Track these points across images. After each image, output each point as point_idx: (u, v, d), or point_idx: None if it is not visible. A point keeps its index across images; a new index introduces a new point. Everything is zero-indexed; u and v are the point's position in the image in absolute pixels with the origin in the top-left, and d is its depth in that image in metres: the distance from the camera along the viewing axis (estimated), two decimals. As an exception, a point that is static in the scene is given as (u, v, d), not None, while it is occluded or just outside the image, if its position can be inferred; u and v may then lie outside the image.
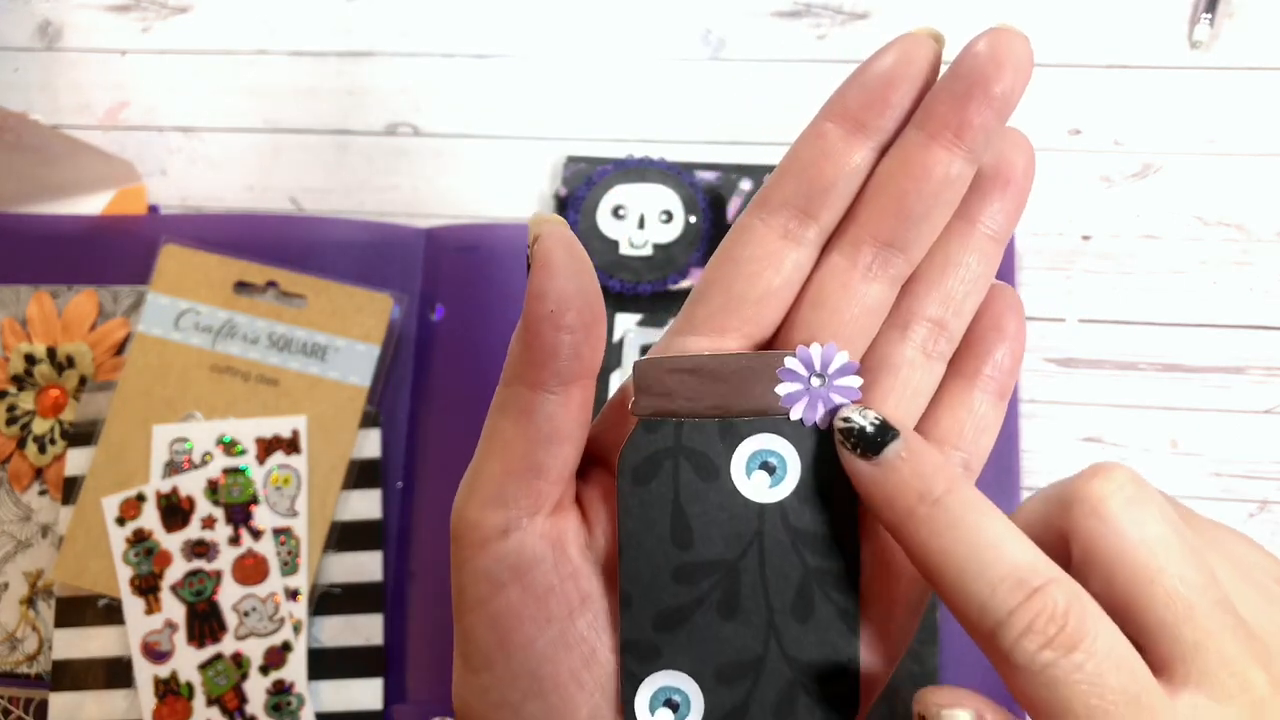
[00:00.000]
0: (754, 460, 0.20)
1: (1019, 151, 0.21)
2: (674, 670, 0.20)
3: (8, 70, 0.59)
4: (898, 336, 0.21)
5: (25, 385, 0.51)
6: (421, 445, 0.51)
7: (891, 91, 0.20)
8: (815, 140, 0.20)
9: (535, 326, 0.19)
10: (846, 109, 0.20)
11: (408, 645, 0.49)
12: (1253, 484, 0.49)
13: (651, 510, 0.20)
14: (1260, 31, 0.54)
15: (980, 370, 0.22)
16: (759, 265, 0.20)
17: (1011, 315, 0.22)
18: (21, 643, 0.49)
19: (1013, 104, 0.19)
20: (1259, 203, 0.52)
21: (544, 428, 0.19)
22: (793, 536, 0.20)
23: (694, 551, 0.20)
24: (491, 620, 0.20)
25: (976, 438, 0.22)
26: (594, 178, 0.52)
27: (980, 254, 0.21)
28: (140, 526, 0.48)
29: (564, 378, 0.19)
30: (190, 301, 0.51)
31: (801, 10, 0.56)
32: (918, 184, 0.20)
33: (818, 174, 0.20)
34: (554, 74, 0.57)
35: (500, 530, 0.20)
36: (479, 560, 0.20)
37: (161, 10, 0.59)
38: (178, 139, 0.57)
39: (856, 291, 0.20)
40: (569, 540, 0.21)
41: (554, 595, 0.20)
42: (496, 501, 0.20)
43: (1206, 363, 0.50)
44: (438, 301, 0.52)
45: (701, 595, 0.20)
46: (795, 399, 0.20)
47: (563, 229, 0.19)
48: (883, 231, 0.20)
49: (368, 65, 0.58)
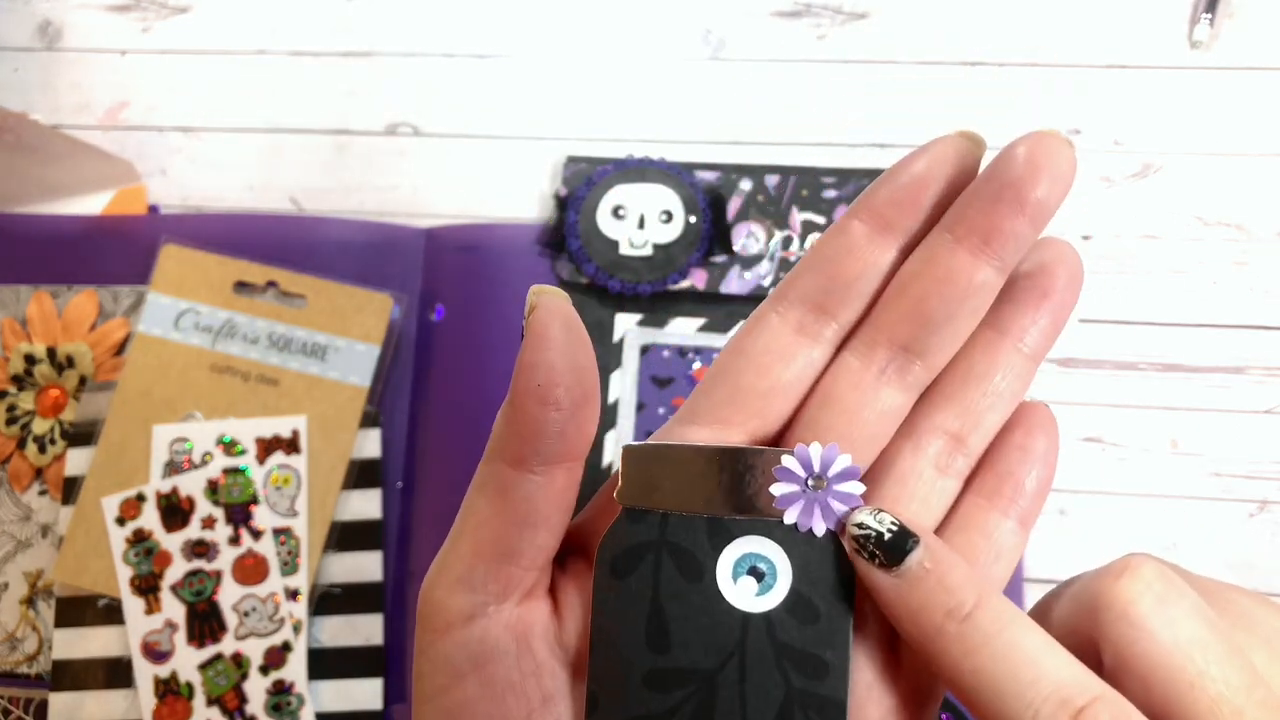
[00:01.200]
0: (742, 564, 0.18)
1: (1062, 263, 0.20)
2: None
3: (8, 70, 0.59)
4: (910, 447, 0.20)
5: (25, 385, 0.51)
6: (421, 445, 0.51)
7: (922, 192, 0.19)
8: (839, 236, 0.19)
9: (521, 401, 0.18)
10: (874, 207, 0.19)
11: (408, 645, 0.49)
12: (1253, 484, 0.49)
13: (628, 607, 0.18)
14: (1260, 31, 0.54)
15: (1000, 491, 0.20)
16: (769, 359, 0.19)
17: (1041, 434, 0.20)
18: (21, 643, 0.49)
19: (1049, 212, 0.18)
20: (1259, 203, 0.52)
21: (521, 509, 0.18)
22: (777, 652, 0.18)
23: (670, 657, 0.18)
24: (447, 713, 0.19)
25: (990, 565, 0.20)
26: (594, 178, 0.52)
27: (1009, 369, 0.20)
28: (140, 526, 0.48)
29: (547, 458, 0.18)
30: (190, 301, 0.51)
31: (801, 10, 0.56)
32: (940, 288, 0.19)
33: (838, 271, 0.19)
34: (554, 74, 0.57)
35: (465, 615, 0.19)
36: (440, 646, 0.19)
37: (161, 10, 0.59)
38: (178, 139, 0.57)
39: (868, 395, 0.19)
40: (536, 633, 0.19)
41: (513, 693, 0.19)
42: (464, 584, 0.19)
43: (1206, 363, 0.50)
44: (438, 301, 0.52)
45: (674, 706, 0.18)
46: (790, 501, 0.18)
47: (562, 302, 0.18)
48: (900, 334, 0.19)
49: (368, 65, 0.58)
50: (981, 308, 0.19)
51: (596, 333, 0.50)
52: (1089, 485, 0.49)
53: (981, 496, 0.20)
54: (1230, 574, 0.48)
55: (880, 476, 0.20)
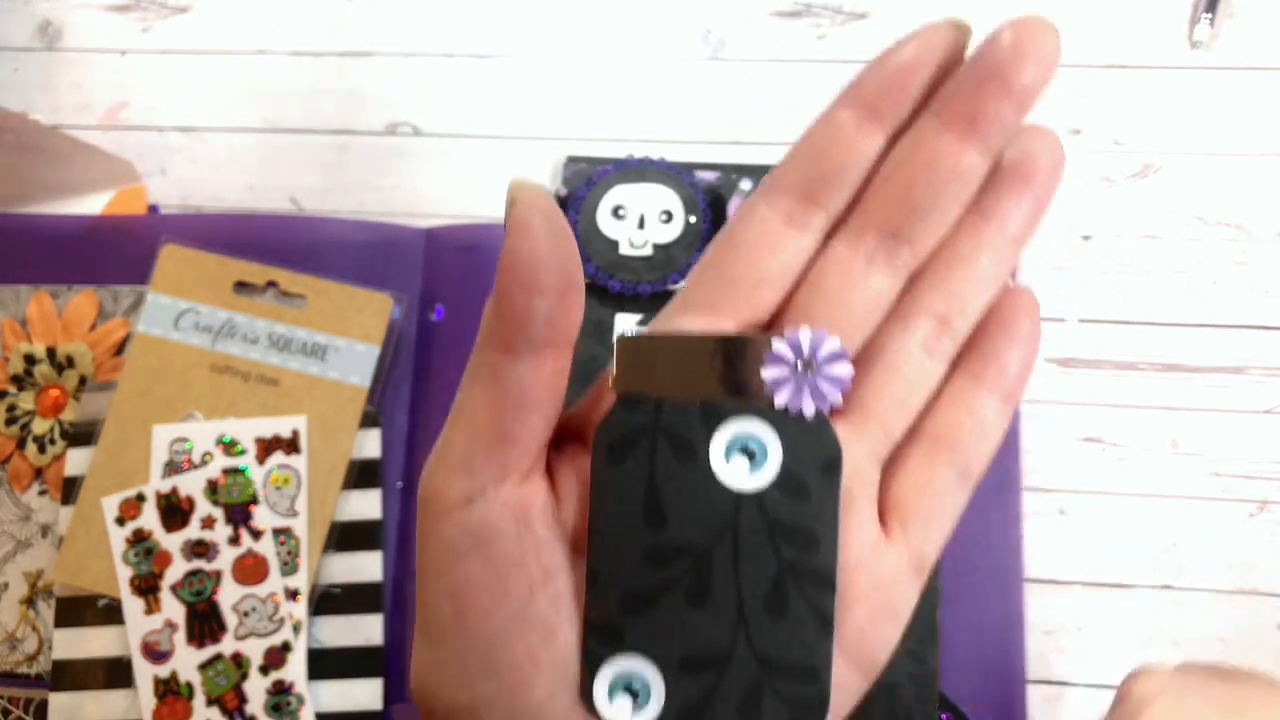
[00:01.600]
0: (734, 445, 0.19)
1: (1046, 149, 0.20)
2: (637, 656, 0.19)
3: (8, 70, 0.59)
4: (898, 330, 0.20)
5: (25, 385, 0.51)
6: (421, 445, 0.51)
7: (909, 79, 0.19)
8: (828, 125, 0.20)
9: (508, 289, 0.18)
10: (862, 95, 0.19)
11: (408, 645, 0.49)
12: (1253, 484, 0.49)
13: (625, 488, 0.19)
14: (1260, 31, 0.54)
15: (986, 371, 0.21)
16: (760, 248, 0.20)
17: (1025, 318, 0.21)
18: (21, 643, 0.49)
19: (1034, 97, 0.18)
20: (1259, 203, 0.52)
21: (513, 394, 0.19)
22: (770, 528, 0.19)
23: (666, 534, 0.19)
24: (450, 591, 0.19)
25: (976, 441, 0.21)
26: (594, 178, 0.52)
27: (994, 252, 0.20)
28: (140, 526, 0.48)
29: (536, 343, 0.18)
30: (190, 301, 0.51)
31: (801, 10, 0.56)
32: (926, 173, 0.19)
33: (826, 160, 0.19)
34: (554, 74, 0.57)
35: (464, 498, 0.19)
36: (441, 529, 0.19)
37: (161, 10, 0.59)
38: (178, 139, 0.57)
39: (857, 281, 0.20)
40: (535, 512, 0.20)
41: (515, 568, 0.19)
42: (462, 469, 0.19)
43: (1206, 363, 0.50)
44: (438, 301, 0.52)
45: (671, 580, 0.19)
46: (781, 384, 0.19)
47: (541, 194, 0.18)
48: (888, 221, 0.19)
49: (368, 65, 0.58)
50: (967, 192, 0.19)
51: (597, 333, 0.50)
52: (1089, 485, 0.49)
53: (968, 376, 0.21)
54: (1230, 574, 0.48)
55: (869, 359, 0.20)
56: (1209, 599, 0.48)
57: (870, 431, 0.20)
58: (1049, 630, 0.48)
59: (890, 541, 0.20)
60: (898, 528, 0.20)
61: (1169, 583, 0.48)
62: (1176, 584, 0.48)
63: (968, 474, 0.21)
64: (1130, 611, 0.48)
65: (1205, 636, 0.48)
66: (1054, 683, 0.47)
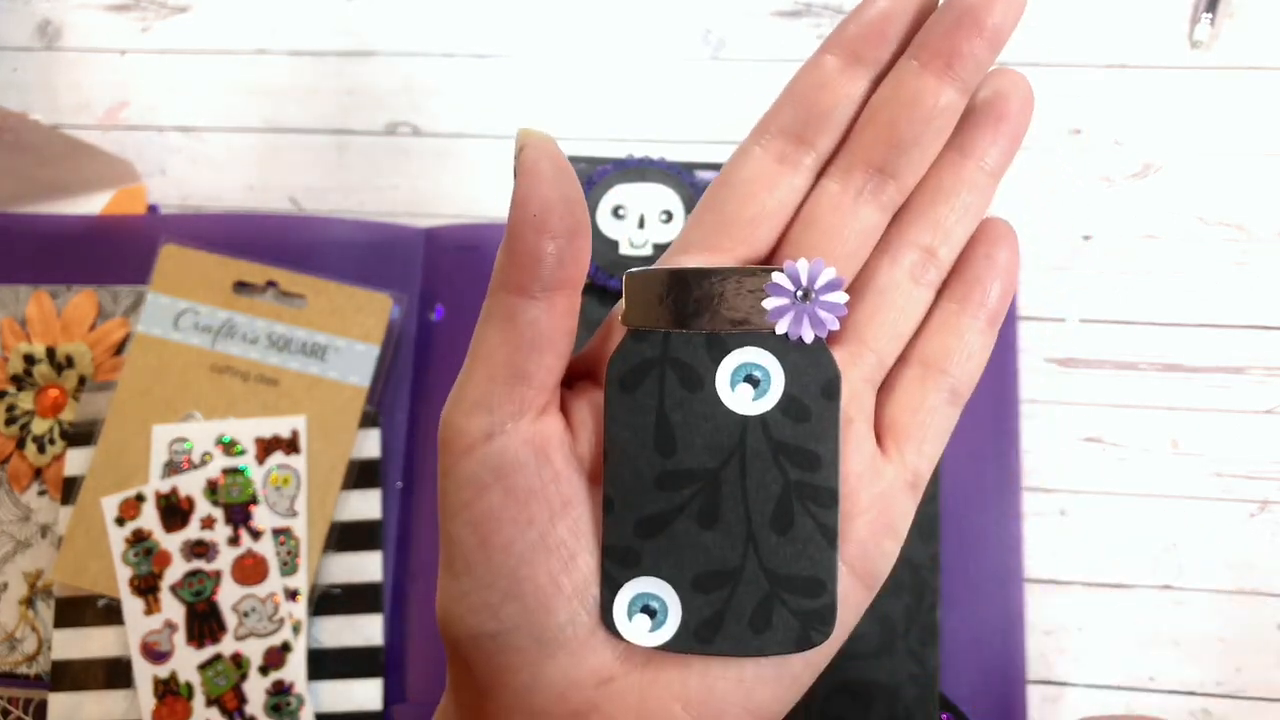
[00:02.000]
0: (739, 373, 0.20)
1: (1015, 89, 0.21)
2: (653, 576, 0.20)
3: (8, 70, 0.59)
4: (887, 261, 0.22)
5: (25, 385, 0.51)
6: (421, 445, 0.51)
7: (888, 25, 0.20)
8: (814, 70, 0.21)
9: (519, 231, 0.19)
10: (845, 41, 0.21)
11: (408, 645, 0.49)
12: (1253, 484, 0.49)
13: (636, 417, 0.20)
14: (1260, 31, 0.54)
15: (970, 297, 0.22)
16: (754, 187, 0.21)
17: (1004, 246, 0.22)
18: (21, 643, 0.49)
19: (1004, 36, 0.20)
20: (1259, 203, 0.52)
21: (527, 333, 0.19)
22: (774, 449, 0.20)
23: (676, 459, 0.20)
24: (473, 523, 0.20)
25: (964, 363, 0.22)
26: (594, 178, 0.52)
27: (972, 185, 0.21)
28: (140, 526, 0.48)
29: (547, 284, 0.19)
30: (190, 301, 0.51)
31: (801, 10, 0.56)
32: (908, 111, 0.20)
33: (814, 102, 0.21)
34: (554, 74, 0.57)
35: (484, 435, 0.20)
36: (463, 465, 0.20)
37: (161, 10, 0.59)
38: (178, 139, 0.57)
39: (848, 215, 0.21)
40: (553, 445, 0.21)
41: (535, 498, 0.20)
42: (481, 407, 0.20)
43: (1206, 363, 0.50)
44: (438, 301, 0.52)
45: (682, 503, 0.20)
46: (781, 313, 0.20)
47: (547, 141, 0.19)
48: (875, 157, 0.21)
49: (368, 65, 0.58)
50: (947, 128, 0.21)
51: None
52: (1089, 485, 0.49)
53: (953, 302, 0.22)
54: (1230, 574, 0.48)
55: (861, 289, 0.22)
56: (1209, 599, 0.48)
57: (864, 357, 0.22)
58: (1049, 630, 0.48)
59: (887, 460, 0.22)
60: (893, 447, 0.22)
61: (1169, 583, 0.48)
62: (1176, 584, 0.48)
63: (957, 394, 0.22)
64: (1130, 611, 0.48)
65: (1205, 636, 0.48)
66: (1054, 683, 0.47)
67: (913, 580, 0.47)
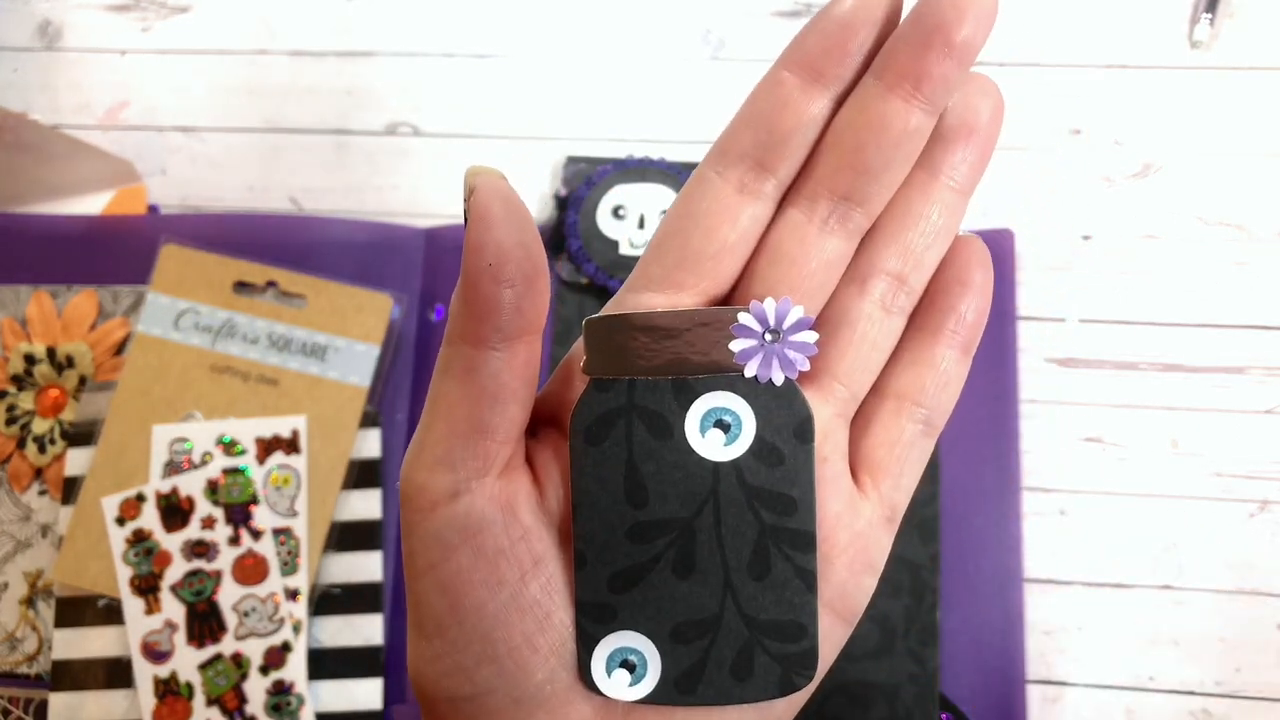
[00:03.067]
0: (708, 418, 0.19)
1: (985, 98, 0.20)
2: (630, 631, 0.20)
3: (8, 70, 0.59)
4: (856, 291, 0.21)
5: (25, 385, 0.51)
6: (421, 445, 0.51)
7: (850, 39, 0.19)
8: (773, 89, 0.19)
9: (475, 281, 0.18)
10: (805, 57, 0.19)
11: (408, 645, 0.49)
12: (1253, 484, 0.49)
13: (605, 470, 0.19)
14: (1260, 31, 0.54)
15: (943, 325, 0.21)
16: (715, 220, 0.20)
17: (977, 266, 0.21)
18: (21, 643, 0.49)
19: (975, 52, 0.18)
20: (1259, 203, 0.52)
21: (489, 386, 0.19)
22: (748, 494, 0.19)
23: (648, 510, 0.19)
24: (442, 585, 0.20)
25: (938, 393, 0.21)
26: (594, 178, 0.52)
27: (942, 206, 0.20)
28: (140, 526, 0.48)
29: (507, 333, 0.18)
30: (190, 301, 0.51)
31: (801, 10, 0.56)
32: (876, 136, 0.19)
33: (775, 126, 0.19)
34: (554, 74, 0.57)
35: (449, 493, 0.19)
36: (428, 523, 0.20)
37: (161, 10, 0.59)
38: (178, 139, 0.57)
39: (814, 246, 0.20)
40: (520, 501, 0.20)
41: (505, 558, 0.19)
42: (444, 464, 0.19)
43: (1206, 363, 0.50)
44: (438, 301, 0.52)
45: (657, 554, 0.20)
46: (749, 355, 0.19)
47: (498, 180, 0.18)
48: (840, 185, 0.20)
49: (368, 65, 0.58)
50: (915, 151, 0.20)
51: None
52: (1089, 485, 0.49)
53: (926, 332, 0.21)
54: (1230, 574, 0.48)
55: (830, 321, 0.21)
56: (1209, 599, 0.48)
57: (836, 392, 0.21)
58: (1049, 630, 0.48)
59: (864, 497, 0.21)
60: (869, 482, 0.21)
61: (1169, 583, 0.48)
62: (1176, 584, 0.48)
63: (931, 425, 0.22)
64: (1130, 611, 0.48)
65: (1205, 636, 0.48)
66: (1054, 683, 0.47)
67: (912, 580, 0.47)
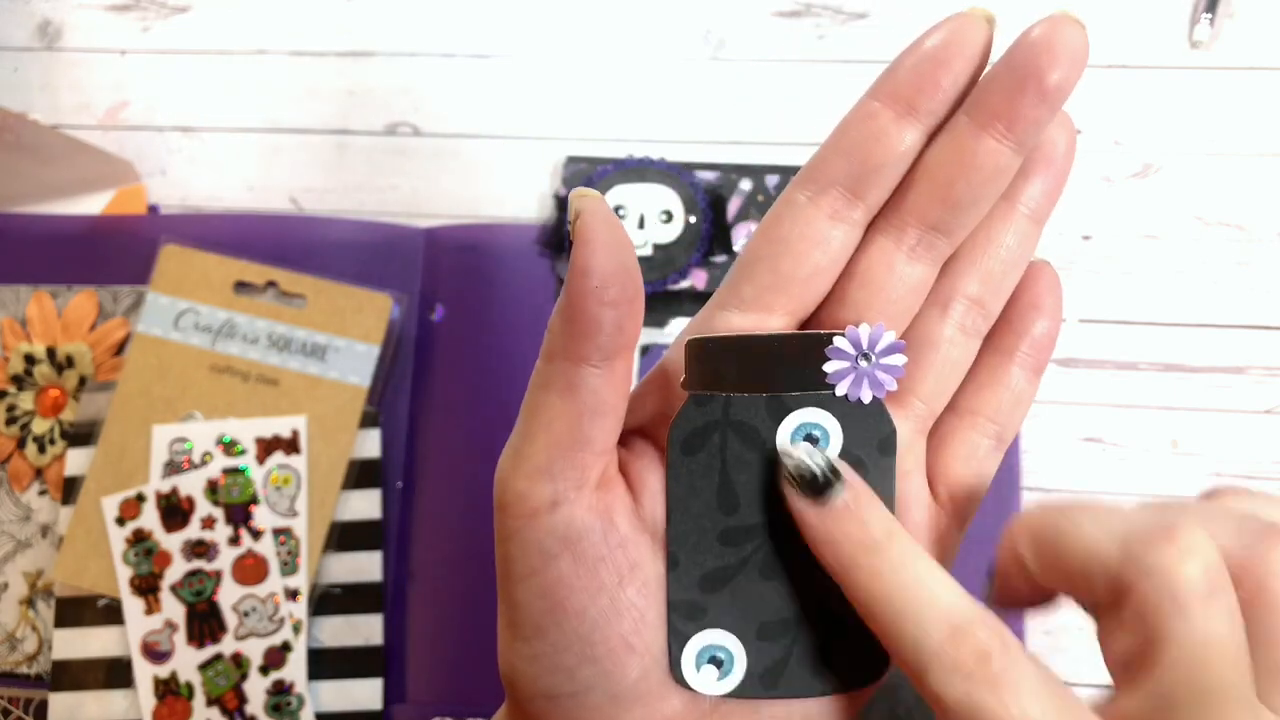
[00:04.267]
0: (799, 432, 0.20)
1: (1062, 131, 0.21)
2: (718, 629, 0.21)
3: (8, 70, 0.59)
4: (938, 315, 0.22)
5: (25, 385, 0.51)
6: (421, 445, 0.51)
7: (943, 74, 0.20)
8: (866, 121, 0.20)
9: (580, 302, 0.19)
10: (897, 90, 0.20)
11: (408, 645, 0.49)
12: (1253, 484, 0.49)
13: (699, 479, 0.21)
14: (1260, 31, 0.54)
15: (1018, 346, 0.23)
16: (806, 244, 0.21)
17: (1049, 293, 0.23)
18: (21, 643, 0.49)
19: (1066, 95, 0.19)
20: (1259, 203, 0.52)
21: (589, 401, 0.20)
22: None
23: (738, 516, 0.21)
24: (543, 590, 0.20)
25: (1011, 411, 0.23)
26: (594, 178, 0.52)
27: (1019, 234, 0.22)
28: (140, 526, 0.48)
29: (607, 352, 0.19)
30: (190, 301, 0.51)
31: (801, 10, 0.56)
32: (967, 173, 0.20)
33: (868, 156, 0.20)
34: (554, 74, 0.57)
35: (549, 503, 0.20)
36: (528, 532, 0.20)
37: (161, 10, 0.59)
38: (178, 139, 0.57)
39: (900, 272, 0.21)
40: (617, 510, 0.21)
41: (604, 565, 0.20)
42: (544, 474, 0.20)
43: (1206, 363, 0.50)
44: (438, 301, 0.52)
45: (745, 557, 0.21)
46: (842, 376, 0.20)
47: (602, 204, 0.19)
48: (929, 216, 0.21)
49: (368, 65, 0.58)
50: (1003, 187, 0.21)
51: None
52: (1089, 485, 0.49)
53: (1000, 353, 0.23)
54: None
55: (913, 343, 0.22)
56: (1209, 599, 0.48)
57: (916, 409, 0.22)
58: (1049, 630, 0.48)
59: (941, 507, 0.23)
60: (944, 493, 0.23)
61: (1169, 583, 0.48)
62: (1176, 584, 0.48)
63: (1002, 441, 0.23)
64: (1130, 611, 0.48)
65: (1205, 636, 0.48)
66: (1054, 683, 0.47)
67: (913, 580, 0.47)
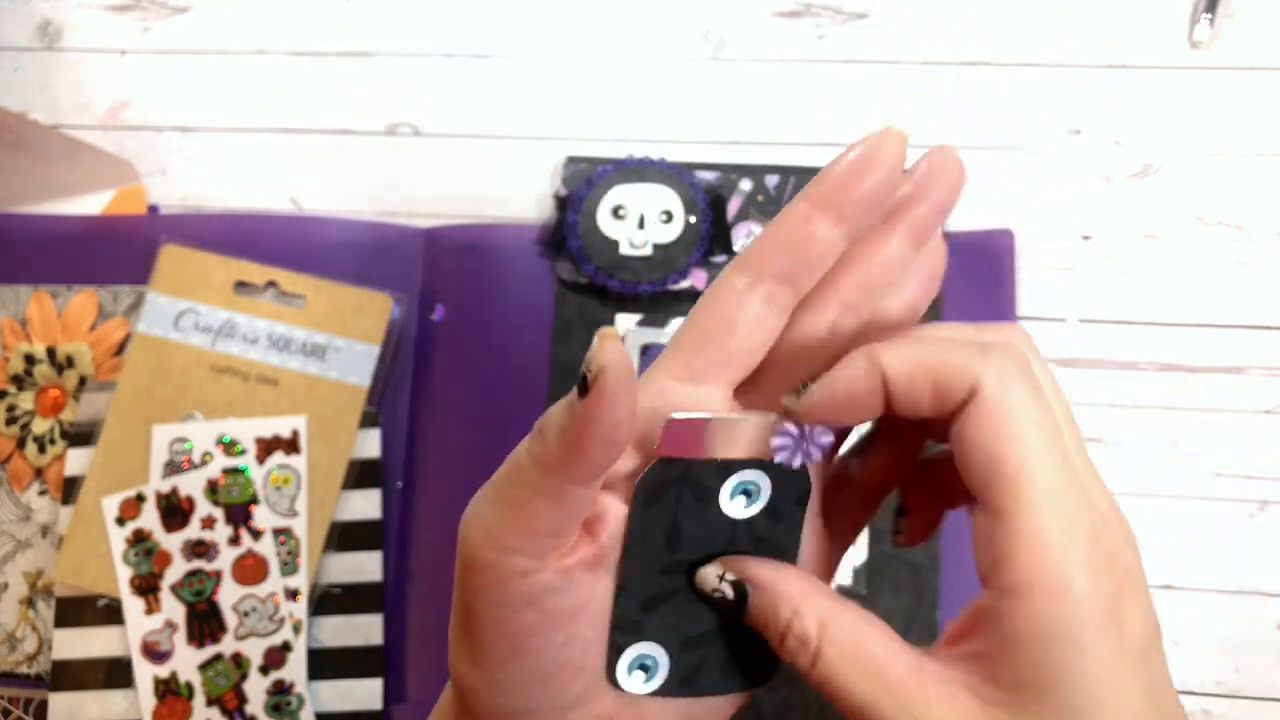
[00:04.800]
0: (738, 488, 0.24)
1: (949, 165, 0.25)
2: (650, 641, 0.25)
3: (8, 70, 0.59)
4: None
5: (25, 385, 0.51)
6: (421, 445, 0.51)
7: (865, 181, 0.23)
8: (803, 224, 0.24)
9: (587, 446, 0.21)
10: (829, 199, 0.23)
11: (408, 645, 0.49)
12: (1253, 484, 0.49)
13: (654, 523, 0.24)
14: (1260, 31, 0.54)
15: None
16: (750, 326, 0.24)
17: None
18: (21, 643, 0.49)
19: (954, 205, 0.25)
20: (1259, 203, 0.52)
21: (573, 508, 0.22)
22: (754, 542, 0.25)
23: (681, 552, 0.24)
24: (506, 636, 0.23)
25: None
26: (594, 178, 0.52)
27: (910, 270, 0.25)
28: (140, 526, 0.48)
29: (599, 475, 0.22)
30: (190, 301, 0.51)
31: (801, 10, 0.56)
32: (885, 269, 0.25)
33: (805, 254, 0.24)
34: (554, 74, 0.57)
35: (520, 573, 0.22)
36: (495, 591, 0.22)
37: (161, 10, 0.59)
38: (178, 139, 0.57)
39: (824, 341, 0.25)
40: (578, 566, 0.23)
41: (562, 610, 0.23)
42: (521, 554, 0.22)
43: (1206, 363, 0.50)
44: (438, 301, 0.52)
45: (680, 585, 0.25)
46: (782, 450, 0.24)
47: (623, 354, 0.20)
48: (850, 298, 0.25)
49: (368, 65, 0.58)
50: (905, 267, 0.25)
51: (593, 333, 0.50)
52: (1089, 485, 0.49)
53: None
54: (1230, 574, 0.48)
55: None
56: (1209, 599, 0.48)
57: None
58: (1049, 630, 0.48)
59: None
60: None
61: (1169, 583, 0.48)
62: (1177, 584, 0.48)
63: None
64: (1130, 611, 0.48)
65: (1205, 636, 0.48)
66: (1054, 683, 0.47)
67: (913, 580, 0.47)
